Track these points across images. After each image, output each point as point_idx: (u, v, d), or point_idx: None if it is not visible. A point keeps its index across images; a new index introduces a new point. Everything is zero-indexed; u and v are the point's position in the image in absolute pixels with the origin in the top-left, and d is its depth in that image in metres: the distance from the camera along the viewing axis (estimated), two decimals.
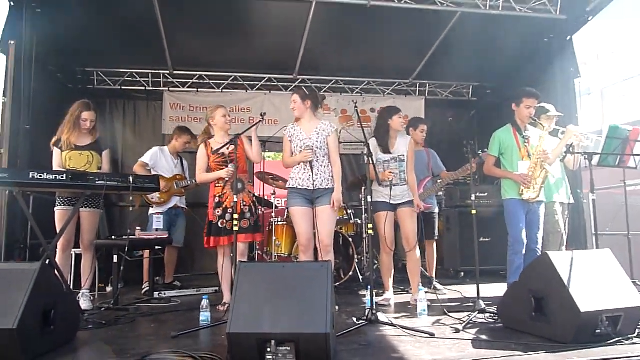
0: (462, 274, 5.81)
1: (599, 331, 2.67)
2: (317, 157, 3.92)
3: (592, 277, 2.81)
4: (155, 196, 5.14)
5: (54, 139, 4.19)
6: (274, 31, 5.81)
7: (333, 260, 3.88)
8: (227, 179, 3.99)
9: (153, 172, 5.17)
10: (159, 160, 5.31)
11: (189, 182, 5.34)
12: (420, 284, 4.13)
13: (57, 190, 3.92)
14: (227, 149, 3.94)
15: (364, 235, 5.54)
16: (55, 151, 4.18)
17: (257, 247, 5.65)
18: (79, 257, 4.34)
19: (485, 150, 4.38)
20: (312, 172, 3.85)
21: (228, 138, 4.05)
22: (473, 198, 3.87)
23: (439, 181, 5.10)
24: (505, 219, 4.11)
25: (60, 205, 4.11)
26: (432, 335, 2.97)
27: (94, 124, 4.26)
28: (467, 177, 5.79)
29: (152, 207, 5.25)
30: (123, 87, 6.71)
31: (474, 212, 3.80)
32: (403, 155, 4.24)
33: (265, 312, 2.31)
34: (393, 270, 4.40)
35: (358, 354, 2.60)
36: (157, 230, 5.00)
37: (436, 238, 5.18)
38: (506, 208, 4.10)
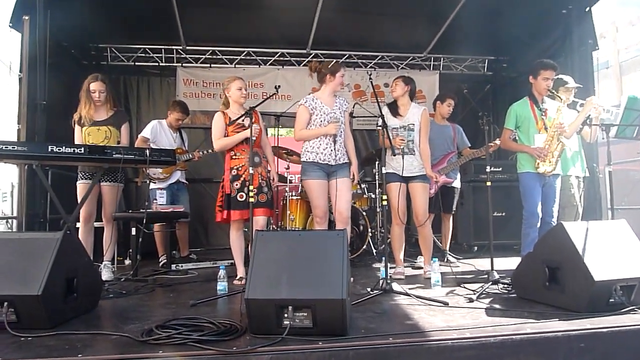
0: (476, 248, 5.83)
1: (612, 300, 2.68)
2: (340, 131, 3.98)
3: (606, 247, 2.80)
4: (157, 172, 5.08)
5: (75, 117, 4.23)
6: (287, 5, 5.75)
7: (349, 232, 3.92)
8: (254, 138, 3.75)
9: (154, 147, 5.02)
10: (158, 134, 5.18)
11: (190, 156, 5.28)
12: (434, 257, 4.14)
13: (75, 163, 3.96)
14: (243, 119, 3.85)
15: (378, 210, 5.56)
16: (77, 128, 4.24)
17: (272, 222, 5.70)
18: (98, 231, 4.42)
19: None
20: (334, 146, 3.90)
21: (243, 111, 3.99)
22: (488, 170, 3.85)
23: (460, 157, 5.07)
24: (520, 193, 4.08)
25: (82, 179, 4.20)
26: (445, 304, 3.01)
27: (104, 94, 4.24)
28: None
29: (154, 182, 5.17)
30: (136, 63, 6.73)
31: (489, 183, 3.78)
32: (413, 125, 4.18)
33: (283, 278, 2.35)
34: (404, 244, 4.31)
35: (373, 321, 2.64)
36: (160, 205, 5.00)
37: (453, 212, 5.19)
38: (521, 181, 4.07)
